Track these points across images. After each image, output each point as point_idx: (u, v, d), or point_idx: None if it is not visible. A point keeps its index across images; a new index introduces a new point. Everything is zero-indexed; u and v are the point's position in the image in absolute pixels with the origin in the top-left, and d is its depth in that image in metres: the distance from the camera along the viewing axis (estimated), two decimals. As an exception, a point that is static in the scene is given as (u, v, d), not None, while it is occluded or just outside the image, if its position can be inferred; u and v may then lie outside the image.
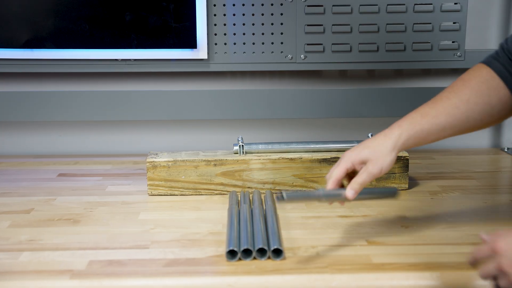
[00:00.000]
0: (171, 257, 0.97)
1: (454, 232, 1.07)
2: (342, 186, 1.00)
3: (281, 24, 1.57)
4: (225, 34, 1.57)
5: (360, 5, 1.56)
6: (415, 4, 1.56)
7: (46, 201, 1.27)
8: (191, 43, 1.55)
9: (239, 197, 1.25)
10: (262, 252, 0.96)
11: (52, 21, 1.53)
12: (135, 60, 1.58)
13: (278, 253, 0.96)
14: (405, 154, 1.31)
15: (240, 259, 0.95)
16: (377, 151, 0.98)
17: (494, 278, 0.78)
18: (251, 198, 1.25)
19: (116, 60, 1.58)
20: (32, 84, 1.66)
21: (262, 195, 1.28)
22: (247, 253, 0.95)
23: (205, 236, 1.06)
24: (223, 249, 0.99)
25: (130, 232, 1.09)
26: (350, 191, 0.97)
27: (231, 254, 0.95)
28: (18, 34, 1.54)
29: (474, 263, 0.80)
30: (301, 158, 1.30)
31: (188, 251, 0.99)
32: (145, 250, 1.00)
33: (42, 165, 1.57)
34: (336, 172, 0.99)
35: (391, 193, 1.03)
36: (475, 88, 0.99)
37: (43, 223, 1.14)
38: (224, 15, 1.56)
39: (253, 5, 1.55)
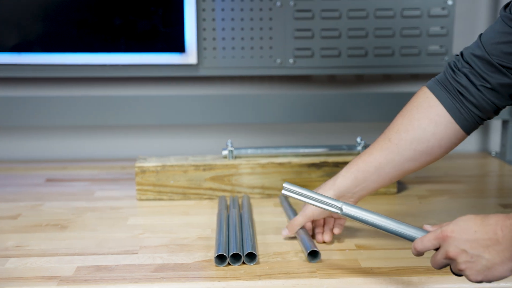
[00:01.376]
0: (160, 262, 0.97)
1: (442, 236, 1.08)
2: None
3: (270, 29, 1.57)
4: (214, 39, 1.57)
5: (349, 10, 1.56)
6: (403, 9, 1.57)
7: (33, 207, 1.26)
8: (180, 48, 1.55)
9: (228, 201, 1.25)
10: (251, 257, 0.96)
11: (40, 25, 1.52)
12: (123, 65, 1.57)
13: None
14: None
15: (229, 263, 0.94)
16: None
17: (447, 264, 0.79)
18: (240, 202, 1.25)
19: (104, 65, 1.57)
20: (19, 89, 1.65)
21: (251, 200, 1.28)
22: (236, 258, 0.95)
23: (194, 241, 1.06)
24: (212, 254, 0.99)
25: (119, 237, 1.08)
26: (284, 230, 1.06)
27: (220, 259, 0.95)
28: (5, 38, 1.53)
29: (419, 254, 0.81)
30: (290, 163, 1.30)
31: (177, 256, 0.99)
32: (133, 255, 1.00)
33: (30, 170, 1.56)
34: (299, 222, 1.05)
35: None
36: (407, 115, 0.98)
37: (30, 228, 1.13)
38: (213, 19, 1.56)
39: (242, 9, 1.55)
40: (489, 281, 0.76)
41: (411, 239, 0.83)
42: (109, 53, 1.55)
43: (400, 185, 1.38)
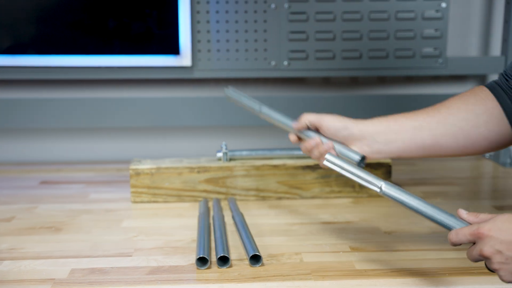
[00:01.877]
0: (154, 265, 0.96)
1: (436, 238, 1.08)
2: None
3: (265, 31, 1.57)
4: (208, 41, 1.57)
5: (343, 13, 1.57)
6: (397, 12, 1.57)
7: (27, 209, 1.25)
8: (175, 50, 1.55)
9: (209, 203, 1.25)
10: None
11: (34, 27, 1.52)
12: (118, 67, 1.57)
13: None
14: (387, 161, 1.32)
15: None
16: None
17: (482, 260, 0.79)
18: (226, 206, 1.25)
19: (99, 67, 1.57)
20: (13, 91, 1.65)
21: (245, 202, 1.28)
22: (223, 260, 0.95)
23: (189, 244, 1.06)
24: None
25: (113, 240, 1.08)
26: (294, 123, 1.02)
27: (201, 261, 0.95)
28: (-1, 41, 1.53)
29: (454, 245, 0.80)
30: (285, 165, 1.30)
31: (171, 258, 0.99)
32: (128, 258, 1.00)
33: (24, 172, 1.55)
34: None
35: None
36: (462, 98, 0.95)
37: (25, 231, 1.13)
38: (208, 22, 1.56)
39: (236, 12, 1.55)
40: None
41: (447, 227, 0.82)
42: (103, 55, 1.55)
43: (395, 187, 1.38)
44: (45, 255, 1.01)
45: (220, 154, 1.32)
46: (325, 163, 0.90)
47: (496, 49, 1.70)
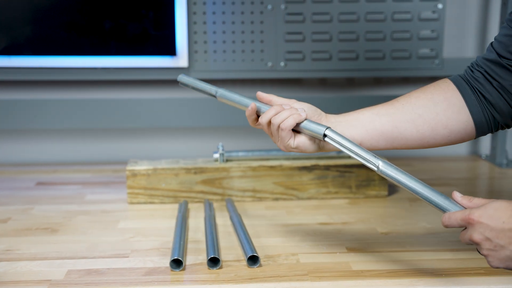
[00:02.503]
0: (151, 266, 0.96)
1: (432, 239, 1.08)
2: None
3: (261, 32, 1.57)
4: (205, 42, 1.57)
5: (340, 14, 1.57)
6: (393, 13, 1.57)
7: (24, 210, 1.25)
8: (171, 51, 1.55)
9: (187, 205, 1.25)
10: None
11: (30, 28, 1.52)
12: (114, 68, 1.57)
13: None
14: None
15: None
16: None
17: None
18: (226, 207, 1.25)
19: (95, 68, 1.57)
20: (9, 91, 1.64)
21: (242, 203, 1.28)
22: (214, 262, 0.96)
23: (185, 245, 1.06)
24: (203, 258, 0.99)
25: (110, 241, 1.08)
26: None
27: (176, 263, 0.95)
28: (-4, 42, 1.53)
29: (447, 227, 0.81)
30: (281, 166, 1.30)
31: (168, 259, 0.99)
32: (124, 259, 1.00)
33: (20, 173, 1.55)
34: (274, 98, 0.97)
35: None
36: (422, 89, 0.97)
37: (21, 232, 1.13)
38: (204, 23, 1.56)
39: (233, 13, 1.55)
40: (509, 269, 0.77)
41: (441, 209, 0.82)
42: (100, 56, 1.55)
43: (391, 188, 1.38)
44: (42, 256, 1.01)
45: (216, 155, 1.32)
46: (326, 139, 0.89)
47: (492, 50, 1.70)
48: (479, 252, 0.79)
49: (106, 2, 1.52)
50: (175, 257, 0.94)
